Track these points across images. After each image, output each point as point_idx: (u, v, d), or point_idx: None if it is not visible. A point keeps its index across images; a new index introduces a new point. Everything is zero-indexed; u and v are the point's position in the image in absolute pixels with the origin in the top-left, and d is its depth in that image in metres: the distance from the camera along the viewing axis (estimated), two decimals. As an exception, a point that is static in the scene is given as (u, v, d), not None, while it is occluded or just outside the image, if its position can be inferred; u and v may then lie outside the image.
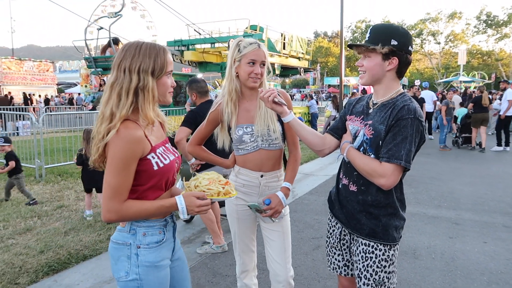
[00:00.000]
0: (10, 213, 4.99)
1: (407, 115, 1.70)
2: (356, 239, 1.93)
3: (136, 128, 1.52)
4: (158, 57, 1.55)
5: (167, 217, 1.68)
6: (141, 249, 1.58)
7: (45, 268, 3.49)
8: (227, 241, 4.11)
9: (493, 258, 3.82)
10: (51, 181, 6.83)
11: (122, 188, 1.49)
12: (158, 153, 1.59)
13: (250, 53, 2.10)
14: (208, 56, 16.55)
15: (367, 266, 1.87)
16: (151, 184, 1.58)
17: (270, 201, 2.11)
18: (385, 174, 1.71)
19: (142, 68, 1.52)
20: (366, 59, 1.82)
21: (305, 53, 19.28)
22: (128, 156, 1.48)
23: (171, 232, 1.71)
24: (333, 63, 54.25)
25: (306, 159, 9.26)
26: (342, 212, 1.98)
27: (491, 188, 6.60)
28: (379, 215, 1.85)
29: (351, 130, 1.96)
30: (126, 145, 1.48)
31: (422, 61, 47.47)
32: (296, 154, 2.30)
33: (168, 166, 1.61)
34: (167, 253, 1.67)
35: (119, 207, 1.49)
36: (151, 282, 1.58)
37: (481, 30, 40.15)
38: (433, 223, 4.83)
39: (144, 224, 1.60)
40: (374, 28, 1.84)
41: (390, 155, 1.70)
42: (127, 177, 1.50)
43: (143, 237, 1.59)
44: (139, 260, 1.57)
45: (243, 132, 2.19)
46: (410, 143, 1.70)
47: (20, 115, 13.71)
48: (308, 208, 5.52)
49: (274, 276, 2.28)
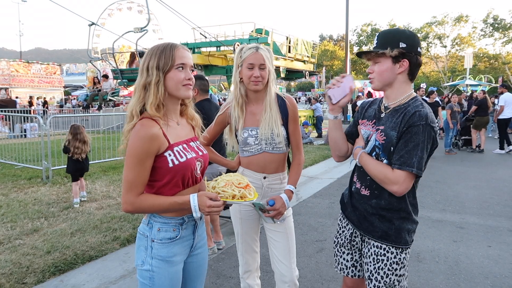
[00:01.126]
0: (18, 214, 5.05)
1: (419, 121, 1.70)
2: (368, 241, 1.94)
3: (151, 126, 1.58)
4: (164, 53, 1.62)
5: (185, 215, 1.71)
6: (154, 242, 1.66)
7: (51, 268, 3.53)
8: (231, 243, 4.14)
9: (497, 262, 3.81)
10: (57, 183, 6.90)
11: (137, 182, 1.57)
12: (176, 151, 1.64)
13: (249, 57, 2.15)
14: (213, 59, 16.63)
15: (378, 269, 1.88)
16: (167, 180, 1.63)
17: (274, 202, 2.14)
18: (397, 181, 1.72)
19: (151, 65, 1.61)
20: (377, 65, 1.83)
21: (310, 57, 19.31)
22: (142, 152, 1.55)
23: (189, 230, 1.75)
24: (339, 66, 54.17)
25: (311, 162, 9.27)
26: (354, 214, 1.99)
27: (497, 192, 6.57)
28: (392, 218, 1.86)
29: (363, 135, 1.96)
30: (140, 141, 1.55)
31: (428, 64, 47.27)
32: (300, 158, 2.33)
33: (184, 163, 1.64)
34: (182, 250, 1.73)
35: (134, 200, 1.57)
36: (162, 275, 1.65)
37: (488, 33, 39.91)
38: (437, 226, 4.82)
39: (160, 220, 1.67)
40: (381, 33, 1.86)
41: (402, 162, 1.71)
42: (142, 172, 1.57)
43: (157, 232, 1.67)
44: (152, 253, 1.65)
45: (248, 134, 2.25)
46: (421, 150, 1.70)
47: (28, 117, 13.84)
48: (312, 211, 5.53)
49: (279, 276, 2.30)
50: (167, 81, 1.63)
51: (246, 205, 2.33)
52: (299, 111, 15.68)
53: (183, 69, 1.64)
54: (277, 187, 2.31)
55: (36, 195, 6.08)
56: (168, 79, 1.63)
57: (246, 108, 2.27)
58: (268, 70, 2.18)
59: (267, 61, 2.17)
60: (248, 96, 2.27)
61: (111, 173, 7.80)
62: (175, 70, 1.63)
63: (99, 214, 5.11)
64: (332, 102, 1.93)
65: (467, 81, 28.71)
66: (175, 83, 1.64)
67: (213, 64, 16.82)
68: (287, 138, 2.28)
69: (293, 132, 2.28)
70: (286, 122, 2.26)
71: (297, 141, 2.31)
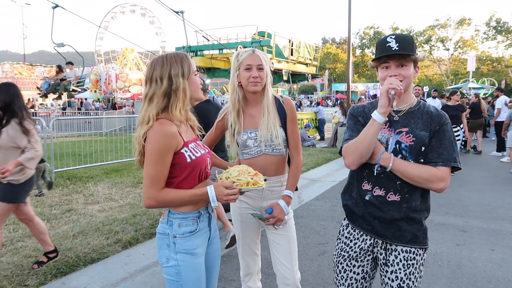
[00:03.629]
0: (20, 216, 5.06)
1: (446, 120, 1.83)
2: (394, 248, 1.88)
3: (170, 124, 1.72)
4: (184, 62, 1.78)
5: (200, 209, 1.83)
6: (177, 238, 1.77)
7: (53, 270, 3.53)
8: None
9: (500, 266, 3.79)
10: (60, 185, 6.91)
11: (159, 178, 1.69)
12: (191, 147, 1.78)
13: (246, 59, 2.18)
14: (216, 62, 16.67)
15: (409, 274, 1.84)
16: (185, 175, 1.75)
17: (272, 210, 2.14)
18: (444, 178, 1.78)
19: (173, 73, 1.74)
20: (403, 68, 1.79)
21: (312, 59, 19.33)
22: (163, 149, 1.68)
23: (206, 222, 1.87)
24: (341, 69, 54.24)
25: (313, 165, 9.26)
26: (375, 223, 1.90)
27: (500, 195, 6.54)
28: (421, 219, 1.88)
29: (380, 139, 1.87)
30: (161, 138, 1.68)
31: (431, 67, 47.28)
32: (298, 161, 2.31)
33: (200, 158, 1.78)
34: (202, 241, 1.84)
35: (157, 194, 1.69)
36: (188, 268, 1.77)
37: (490, 36, 39.92)
38: (440, 230, 4.80)
39: (179, 216, 1.78)
40: (401, 37, 1.80)
41: (444, 159, 1.78)
42: (163, 168, 1.69)
43: (178, 227, 1.78)
44: (176, 248, 1.76)
45: (247, 137, 2.26)
46: (455, 145, 1.82)
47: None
48: (314, 214, 5.52)
49: (282, 279, 2.30)
50: (190, 85, 1.79)
51: (245, 209, 2.35)
52: (302, 114, 15.74)
53: (196, 74, 1.84)
54: (277, 189, 2.30)
55: (38, 197, 6.09)
56: (191, 84, 1.80)
57: (244, 111, 2.29)
58: (265, 71, 2.19)
59: (264, 62, 2.19)
60: (247, 99, 2.28)
61: (114, 176, 7.81)
62: (194, 76, 1.81)
63: (101, 217, 5.11)
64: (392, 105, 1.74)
65: (470, 84, 28.68)
66: (196, 87, 1.83)
67: (216, 66, 16.86)
68: (286, 140, 2.29)
69: (292, 133, 2.28)
70: (284, 124, 2.26)
71: (296, 142, 2.31)
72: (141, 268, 3.69)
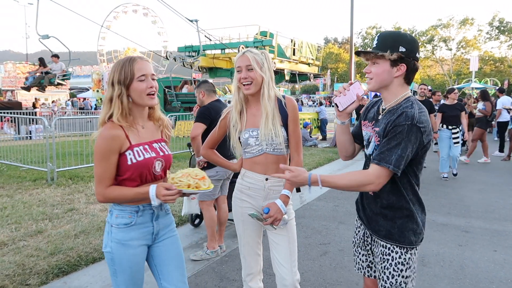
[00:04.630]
0: (22, 216, 5.07)
1: (404, 121, 1.70)
2: (376, 240, 1.97)
3: (114, 128, 1.82)
4: (124, 67, 1.83)
5: (140, 205, 1.92)
6: (113, 227, 1.91)
7: (55, 270, 3.54)
8: (234, 246, 4.13)
9: (503, 266, 3.78)
10: (62, 184, 6.92)
11: (104, 176, 1.82)
12: (135, 151, 1.86)
13: (237, 61, 2.22)
14: (218, 62, 16.69)
15: (384, 268, 1.90)
16: (127, 176, 1.86)
17: (268, 209, 2.14)
18: (374, 177, 1.73)
19: (114, 80, 1.83)
20: (374, 66, 1.83)
21: (315, 59, 19.32)
22: (105, 150, 1.80)
23: (146, 217, 1.95)
24: (343, 69, 54.12)
25: (315, 165, 9.25)
26: (364, 214, 2.04)
27: (502, 195, 6.52)
28: (394, 217, 1.88)
29: (364, 136, 1.99)
30: (102, 140, 1.80)
31: (434, 67, 47.11)
32: (298, 161, 2.31)
33: (141, 162, 1.86)
34: (139, 235, 1.93)
35: (104, 191, 1.83)
36: (120, 256, 1.90)
37: (493, 36, 39.74)
38: (442, 230, 4.79)
39: (117, 207, 1.92)
40: (382, 35, 1.85)
41: (381, 158, 1.73)
42: (108, 167, 1.81)
43: (115, 218, 1.92)
44: (111, 236, 1.91)
45: (249, 135, 2.27)
46: (403, 149, 1.70)
47: (33, 119, 13.93)
48: (316, 214, 5.51)
49: (280, 279, 2.30)
50: (131, 92, 1.85)
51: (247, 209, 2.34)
52: (304, 114, 15.73)
53: (144, 80, 1.84)
54: (279, 189, 2.30)
55: (40, 196, 6.11)
56: (132, 90, 1.84)
57: (247, 110, 2.31)
58: (257, 72, 2.18)
59: (254, 62, 2.17)
60: (248, 99, 2.31)
61: (115, 175, 7.81)
62: (137, 82, 1.83)
63: (102, 216, 5.12)
64: (338, 109, 1.94)
65: (473, 84, 28.57)
66: (139, 93, 1.85)
67: (218, 66, 16.86)
68: (287, 140, 2.29)
69: (293, 133, 2.28)
70: (286, 123, 2.26)
71: (297, 142, 2.31)
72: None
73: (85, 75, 46.09)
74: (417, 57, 1.82)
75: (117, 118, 1.82)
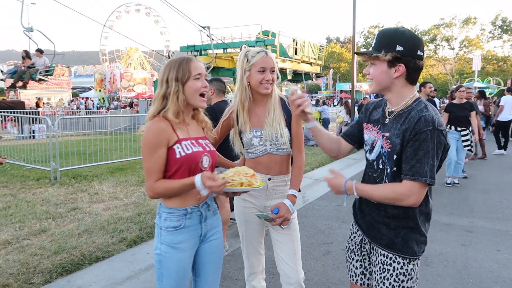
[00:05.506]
0: (26, 215, 5.09)
1: (425, 127, 1.62)
2: (375, 249, 1.89)
3: (162, 121, 1.84)
4: (182, 66, 1.86)
5: (188, 207, 1.90)
6: (162, 230, 1.91)
7: (58, 268, 3.55)
8: (236, 245, 4.13)
9: (506, 266, 3.77)
10: (65, 184, 6.94)
11: (152, 170, 1.81)
12: (184, 144, 1.86)
13: (259, 61, 2.18)
14: (220, 61, 16.67)
15: (383, 279, 1.82)
16: (175, 170, 1.84)
17: (278, 210, 2.14)
18: (412, 193, 1.64)
19: (170, 77, 1.86)
20: (372, 67, 1.76)
21: (317, 59, 19.29)
22: (152, 143, 1.80)
23: (195, 220, 1.94)
24: (345, 68, 54.06)
25: (317, 165, 9.25)
26: (363, 220, 1.95)
27: (506, 195, 6.50)
28: (398, 227, 1.79)
29: (367, 140, 1.90)
30: (151, 134, 1.81)
31: (436, 66, 47.01)
32: (301, 161, 2.31)
33: (190, 155, 1.85)
34: (188, 238, 1.92)
35: (152, 185, 1.82)
36: (169, 259, 1.88)
37: (496, 35, 39.64)
38: (445, 230, 4.78)
39: (165, 210, 1.91)
40: (380, 33, 1.76)
41: (414, 172, 1.63)
42: (156, 160, 1.81)
43: (164, 221, 1.91)
44: (161, 239, 1.90)
45: (253, 135, 2.27)
46: (432, 157, 1.62)
47: (36, 119, 13.97)
48: (319, 213, 5.51)
49: (285, 278, 2.30)
50: (186, 90, 1.87)
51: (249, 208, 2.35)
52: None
53: (199, 78, 1.88)
54: (281, 189, 2.31)
55: (44, 195, 6.13)
56: (187, 88, 1.87)
57: (251, 110, 2.30)
58: (276, 73, 2.24)
59: (276, 65, 2.23)
60: (254, 99, 2.29)
61: (118, 174, 7.84)
62: (193, 80, 1.87)
63: (106, 215, 5.13)
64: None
65: (476, 84, 28.48)
66: (193, 91, 1.88)
67: (220, 66, 16.86)
68: (291, 140, 2.29)
69: (296, 133, 2.29)
70: (289, 123, 2.27)
71: (299, 142, 2.32)
72: (146, 267, 3.69)
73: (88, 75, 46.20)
74: (419, 55, 1.69)
75: (172, 114, 1.84)
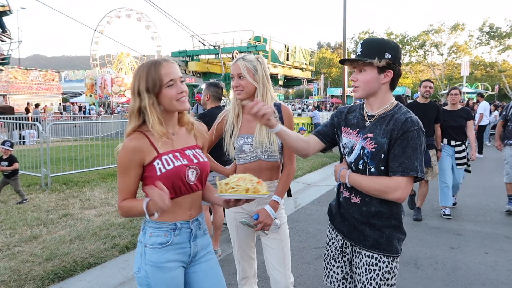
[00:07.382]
0: (17, 221, 5.05)
1: (412, 127, 1.73)
2: (359, 251, 1.91)
3: (137, 139, 1.68)
4: (150, 73, 1.66)
5: (178, 221, 1.73)
6: (147, 248, 1.71)
7: (50, 275, 3.54)
8: (229, 250, 4.15)
9: (494, 269, 3.84)
10: (56, 190, 6.90)
11: (121, 189, 1.69)
12: (164, 159, 1.69)
13: (231, 69, 2.25)
14: (212, 66, 16.70)
15: (370, 279, 1.85)
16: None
17: (258, 215, 2.16)
18: (399, 187, 1.71)
19: (141, 89, 1.67)
20: (361, 73, 1.82)
21: (308, 64, 19.41)
22: (124, 163, 1.67)
23: (184, 237, 1.75)
24: (336, 73, 54.47)
25: (309, 169, 9.30)
26: (344, 224, 1.97)
27: (494, 199, 6.61)
28: (383, 227, 1.85)
29: (347, 143, 1.93)
30: (124, 153, 1.67)
31: (425, 72, 47.59)
32: (291, 169, 2.32)
33: (171, 171, 1.67)
34: (176, 256, 1.73)
35: (119, 204, 1.70)
36: (157, 281, 1.68)
37: (484, 41, 40.24)
38: (435, 233, 4.85)
39: (152, 225, 1.73)
40: (366, 42, 1.83)
41: (404, 168, 1.71)
42: (127, 180, 1.68)
43: (149, 237, 1.72)
44: (146, 259, 1.70)
45: (244, 142, 2.29)
46: (420, 153, 1.74)
47: (26, 124, 13.85)
48: (311, 218, 5.56)
49: (274, 283, 2.33)
50: (161, 100, 1.68)
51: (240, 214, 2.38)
52: (298, 118, 15.79)
53: (173, 85, 1.67)
54: (271, 194, 2.33)
55: (35, 202, 6.09)
56: (162, 97, 1.68)
57: (243, 116, 2.32)
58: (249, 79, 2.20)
59: (245, 70, 2.20)
60: (243, 105, 2.30)
61: (110, 180, 7.81)
62: (166, 88, 1.66)
63: (98, 221, 5.12)
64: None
65: (464, 89, 28.90)
66: (169, 100, 1.68)
67: (212, 71, 16.89)
68: (282, 147, 2.31)
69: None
70: None
71: (290, 151, 2.31)
72: (139, 272, 3.69)
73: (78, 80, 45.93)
74: (400, 62, 1.83)
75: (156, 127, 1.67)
